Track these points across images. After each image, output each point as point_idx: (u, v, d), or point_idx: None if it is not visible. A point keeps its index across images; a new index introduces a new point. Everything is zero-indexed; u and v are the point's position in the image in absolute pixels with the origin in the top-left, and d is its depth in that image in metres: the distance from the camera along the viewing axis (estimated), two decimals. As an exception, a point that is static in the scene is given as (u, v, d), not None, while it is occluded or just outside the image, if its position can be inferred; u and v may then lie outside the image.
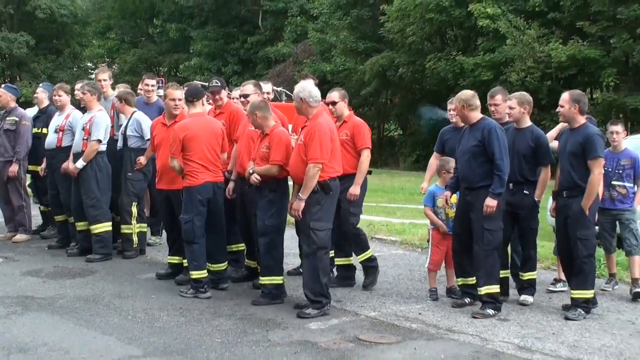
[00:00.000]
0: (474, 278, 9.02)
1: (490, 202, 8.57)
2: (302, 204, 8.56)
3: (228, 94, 10.80)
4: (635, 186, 9.84)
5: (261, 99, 9.73)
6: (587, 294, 8.76)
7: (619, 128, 9.75)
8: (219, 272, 9.85)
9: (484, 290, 8.78)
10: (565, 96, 8.86)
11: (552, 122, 24.27)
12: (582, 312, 8.72)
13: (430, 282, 9.65)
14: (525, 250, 9.37)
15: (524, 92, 9.56)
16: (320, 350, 7.48)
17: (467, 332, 8.16)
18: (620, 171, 9.60)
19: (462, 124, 9.25)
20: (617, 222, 9.97)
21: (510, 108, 9.11)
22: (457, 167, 9.08)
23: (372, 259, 10.00)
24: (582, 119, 8.79)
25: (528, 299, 9.24)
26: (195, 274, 9.43)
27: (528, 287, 9.32)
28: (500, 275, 9.03)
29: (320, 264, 8.68)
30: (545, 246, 10.80)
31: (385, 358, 7.28)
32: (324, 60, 39.95)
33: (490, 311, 8.70)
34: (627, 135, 9.51)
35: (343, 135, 9.51)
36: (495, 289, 8.79)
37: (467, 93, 9.05)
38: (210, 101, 10.74)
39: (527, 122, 9.18)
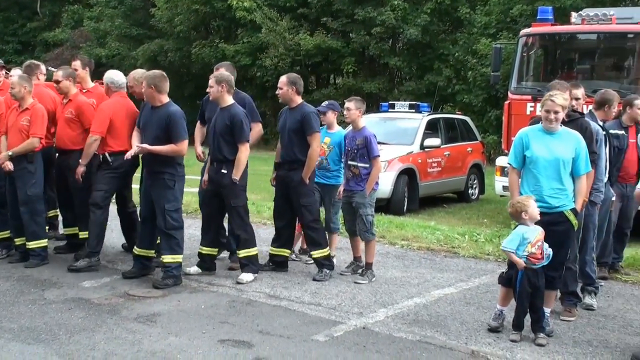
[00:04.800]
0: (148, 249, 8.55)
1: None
2: (82, 169, 8.52)
3: (6, 73, 10.24)
4: (371, 167, 8.63)
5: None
6: (324, 252, 8.76)
7: (350, 105, 8.74)
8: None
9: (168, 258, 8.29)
10: (283, 79, 8.67)
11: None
12: (327, 271, 8.73)
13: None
14: (235, 230, 8.57)
15: (222, 71, 8.65)
16: (93, 306, 7.34)
17: (225, 285, 8.26)
18: (356, 150, 8.62)
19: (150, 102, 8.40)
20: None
21: (210, 87, 8.38)
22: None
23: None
24: (298, 99, 8.68)
25: (246, 277, 8.39)
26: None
27: (247, 264, 8.47)
28: (204, 252, 8.70)
29: (94, 218, 8.59)
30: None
31: (153, 310, 7.24)
32: (100, 46, 38.73)
33: (170, 281, 8.13)
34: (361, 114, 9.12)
35: (68, 114, 9.11)
36: (171, 259, 8.21)
37: (156, 74, 8.46)
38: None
39: (228, 102, 8.35)
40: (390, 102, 18.23)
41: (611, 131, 8.33)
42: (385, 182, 14.09)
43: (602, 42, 13.58)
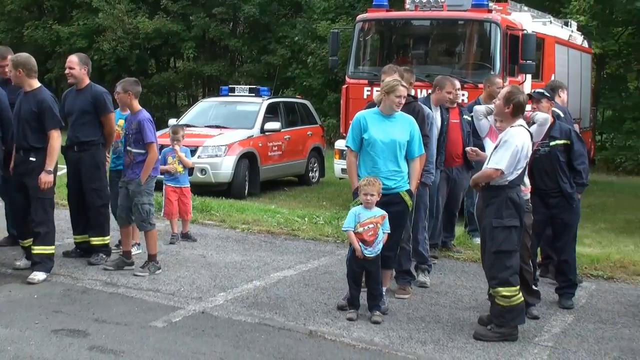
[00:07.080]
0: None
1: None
2: None
3: None
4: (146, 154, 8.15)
5: None
6: (105, 240, 8.57)
7: (119, 88, 8.25)
8: None
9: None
10: (74, 59, 8.34)
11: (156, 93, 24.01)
12: (104, 256, 8.51)
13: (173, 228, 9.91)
14: (36, 225, 7.83)
15: (19, 54, 8.01)
16: None
17: (59, 273, 8.02)
18: (131, 135, 8.15)
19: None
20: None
21: (9, 72, 7.91)
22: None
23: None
24: (87, 80, 8.38)
25: (39, 275, 7.67)
26: None
27: (40, 262, 7.79)
28: (26, 245, 8.14)
29: None
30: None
31: (-20, 302, 6.92)
32: None
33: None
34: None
35: None
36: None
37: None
38: None
39: (32, 85, 7.81)
40: (230, 85, 18.15)
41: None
42: (225, 166, 14.10)
43: (435, 28, 13.99)
